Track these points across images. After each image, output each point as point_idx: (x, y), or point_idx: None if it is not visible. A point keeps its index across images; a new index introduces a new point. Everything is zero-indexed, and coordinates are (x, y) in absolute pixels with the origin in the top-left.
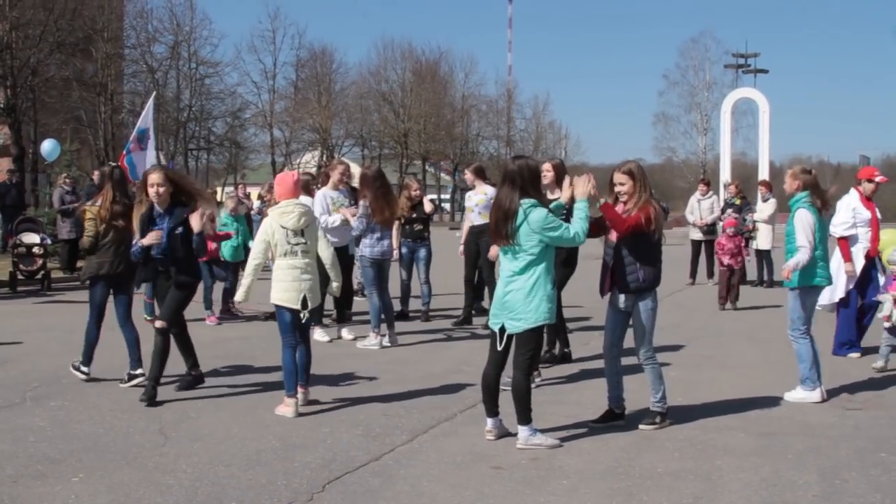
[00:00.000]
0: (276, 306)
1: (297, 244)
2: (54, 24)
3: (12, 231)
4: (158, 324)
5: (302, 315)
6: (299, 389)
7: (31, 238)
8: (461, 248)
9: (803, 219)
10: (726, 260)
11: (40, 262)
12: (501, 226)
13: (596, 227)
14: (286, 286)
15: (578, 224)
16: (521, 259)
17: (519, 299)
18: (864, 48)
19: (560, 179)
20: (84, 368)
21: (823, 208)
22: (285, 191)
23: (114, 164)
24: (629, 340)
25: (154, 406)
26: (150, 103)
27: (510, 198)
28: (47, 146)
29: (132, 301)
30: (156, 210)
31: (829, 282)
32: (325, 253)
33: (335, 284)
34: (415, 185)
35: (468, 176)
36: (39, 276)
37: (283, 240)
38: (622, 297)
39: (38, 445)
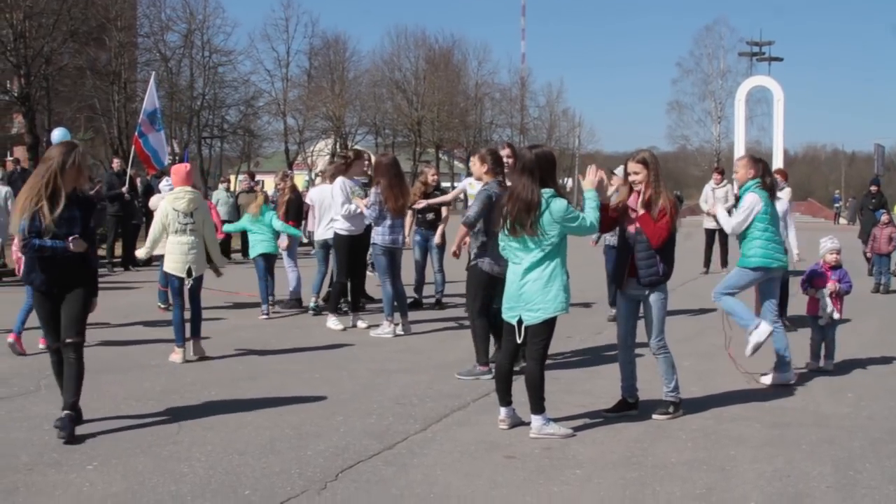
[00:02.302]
0: (167, 273)
1: (186, 224)
2: (68, 13)
3: None
4: (73, 339)
5: (186, 282)
6: (192, 340)
7: None
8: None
9: (751, 200)
10: None
11: None
12: (524, 217)
13: (609, 221)
14: (175, 258)
15: (591, 213)
16: (539, 250)
17: (536, 290)
18: (879, 37)
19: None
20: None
21: (771, 194)
22: (179, 179)
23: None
24: (643, 331)
25: (75, 443)
26: (152, 84)
27: (531, 188)
28: (57, 135)
29: None
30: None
31: (785, 265)
32: (211, 236)
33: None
34: (431, 172)
35: None
36: None
37: (175, 220)
38: (635, 288)
39: (53, 433)
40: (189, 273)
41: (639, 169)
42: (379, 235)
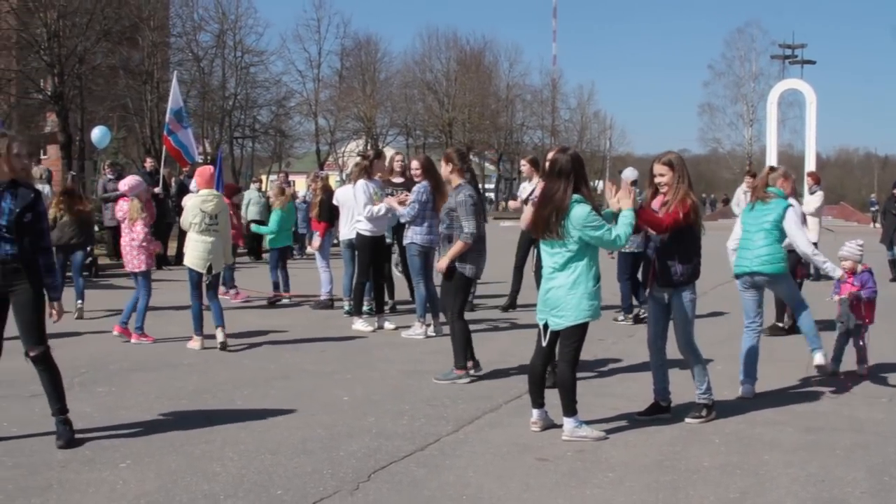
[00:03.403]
0: (188, 268)
1: (211, 224)
2: (101, 13)
3: None
4: (35, 352)
5: (205, 278)
6: (218, 329)
7: None
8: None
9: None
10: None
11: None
12: (552, 220)
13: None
14: (198, 254)
15: (622, 228)
16: (561, 255)
17: (560, 296)
18: None
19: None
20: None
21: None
22: (204, 181)
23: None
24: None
25: (73, 447)
26: (174, 83)
27: (566, 191)
28: (97, 133)
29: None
30: None
31: (739, 270)
32: (227, 237)
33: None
34: None
35: (525, 168)
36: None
37: (203, 220)
38: (658, 290)
39: (87, 430)
40: (209, 270)
41: (664, 171)
42: (418, 235)
